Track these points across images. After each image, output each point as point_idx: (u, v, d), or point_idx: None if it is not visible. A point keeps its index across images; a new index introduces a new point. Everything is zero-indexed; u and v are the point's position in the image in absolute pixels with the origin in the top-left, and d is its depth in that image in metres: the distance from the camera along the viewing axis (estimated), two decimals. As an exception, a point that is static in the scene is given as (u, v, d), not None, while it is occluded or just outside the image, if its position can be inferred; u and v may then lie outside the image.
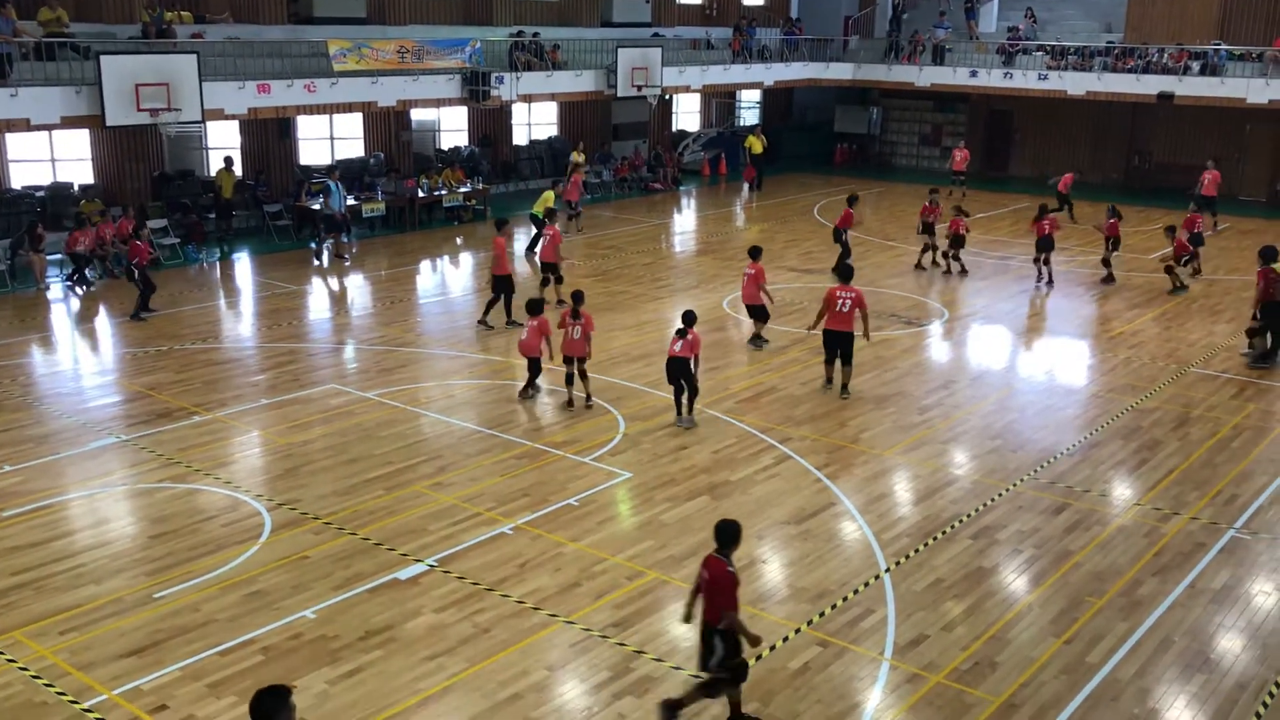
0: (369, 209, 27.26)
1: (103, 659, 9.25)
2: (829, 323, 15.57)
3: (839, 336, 15.57)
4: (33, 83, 21.05)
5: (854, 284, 15.76)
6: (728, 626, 8.09)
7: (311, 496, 12.39)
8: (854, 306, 15.38)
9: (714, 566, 8.16)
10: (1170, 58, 32.99)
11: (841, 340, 15.56)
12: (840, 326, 15.49)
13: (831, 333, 15.60)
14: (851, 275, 15.93)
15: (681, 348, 14.29)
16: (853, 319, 15.42)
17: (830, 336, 15.65)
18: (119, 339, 18.51)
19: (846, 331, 15.49)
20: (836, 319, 15.48)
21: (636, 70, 31.80)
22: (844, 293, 15.44)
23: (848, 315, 15.38)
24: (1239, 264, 24.93)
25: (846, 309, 15.37)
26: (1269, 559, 11.37)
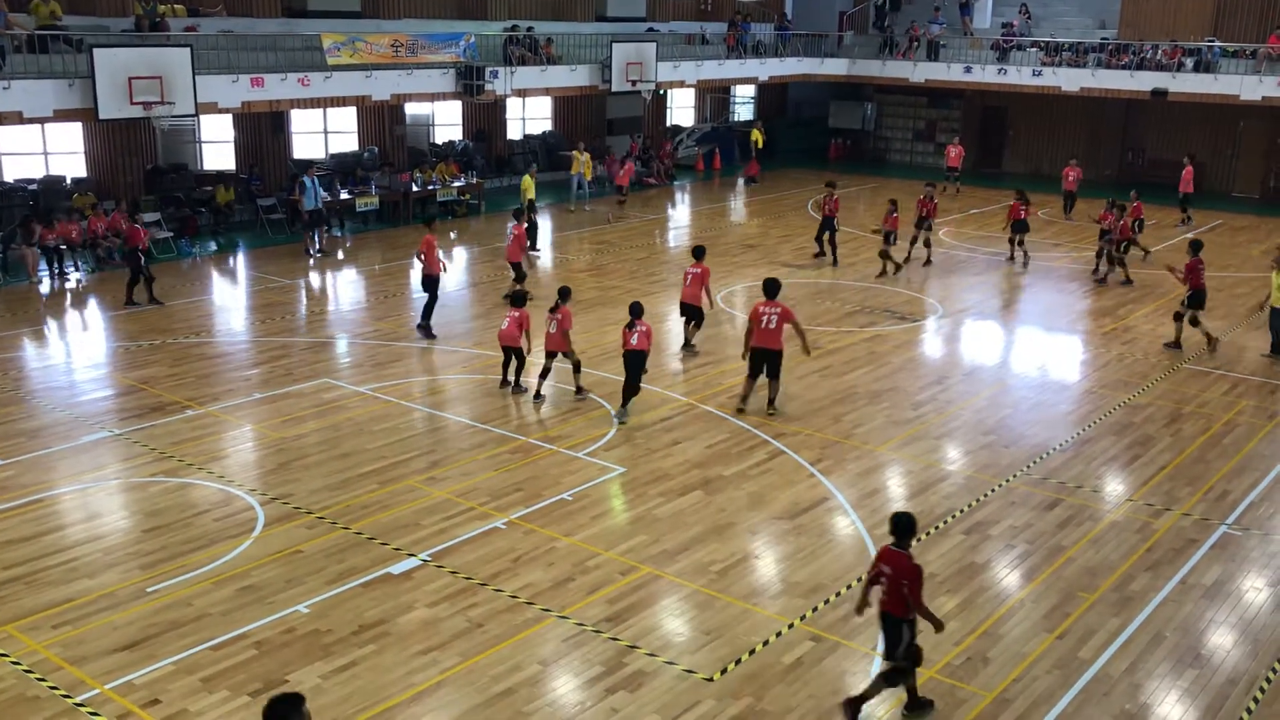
0: (362, 203, 27.22)
1: (95, 653, 9.24)
2: (755, 340, 14.56)
3: (765, 354, 14.57)
4: (25, 75, 20.97)
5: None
6: (921, 615, 8.42)
7: (304, 491, 12.38)
8: (780, 322, 14.42)
9: (896, 559, 8.35)
10: (1164, 54, 33.03)
11: (768, 358, 14.58)
12: (766, 344, 14.50)
13: (758, 350, 14.59)
14: (777, 290, 14.75)
15: (638, 340, 14.47)
16: (780, 335, 14.48)
17: (756, 355, 14.63)
18: (112, 332, 18.47)
19: (773, 349, 14.53)
20: (762, 335, 14.49)
21: (631, 65, 31.77)
22: (768, 308, 14.49)
23: (774, 332, 14.43)
24: (1231, 261, 24.99)
25: (773, 325, 14.42)
26: (1260, 555, 11.41)
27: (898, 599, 8.35)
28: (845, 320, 19.72)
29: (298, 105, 25.78)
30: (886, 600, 8.42)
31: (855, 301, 21.00)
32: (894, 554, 8.39)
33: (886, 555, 8.44)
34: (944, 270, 23.97)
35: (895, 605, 8.37)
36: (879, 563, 8.48)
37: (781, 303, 14.64)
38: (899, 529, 8.45)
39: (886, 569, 8.38)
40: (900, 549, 8.40)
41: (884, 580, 8.41)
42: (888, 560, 8.40)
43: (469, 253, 25.37)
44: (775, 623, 9.89)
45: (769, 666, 9.23)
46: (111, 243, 22.79)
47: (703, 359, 17.47)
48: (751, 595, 10.37)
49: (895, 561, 8.35)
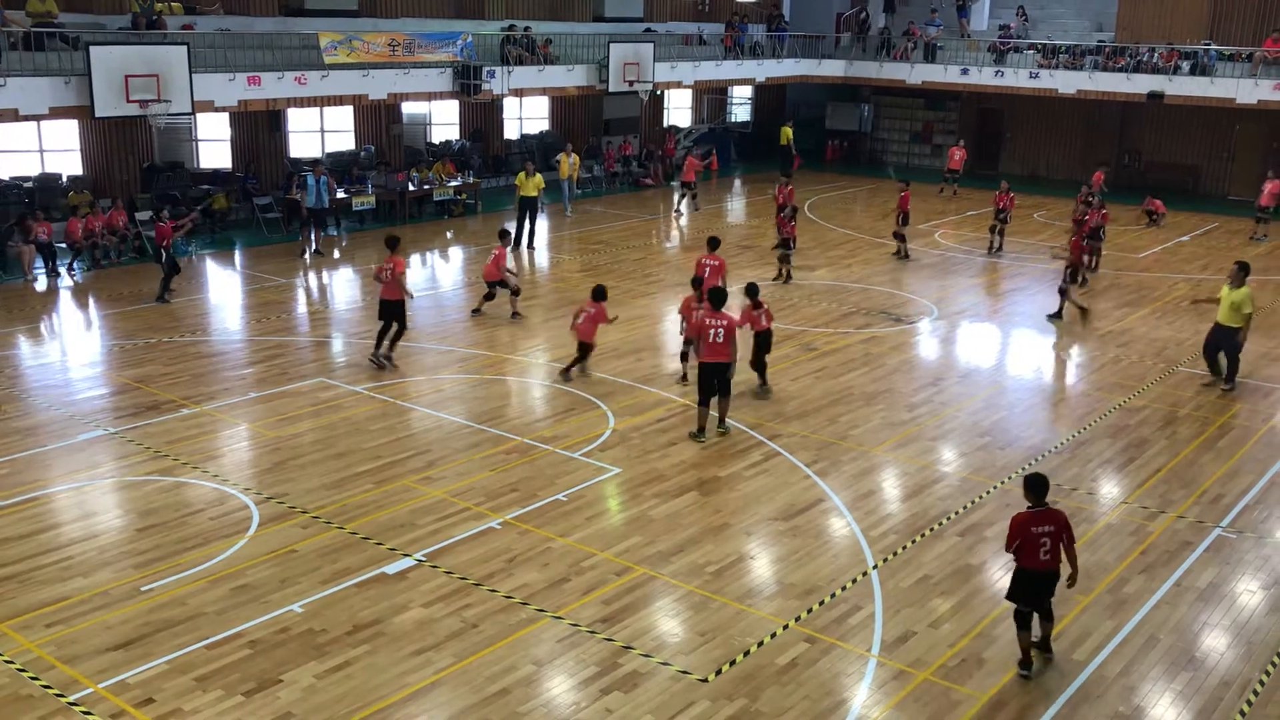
0: (359, 202, 27.20)
1: (89, 652, 9.23)
2: (705, 354, 13.88)
3: (714, 369, 13.87)
4: (21, 73, 20.94)
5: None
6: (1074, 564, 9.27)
7: (300, 490, 12.37)
8: (728, 335, 13.80)
9: (1054, 515, 9.14)
10: (1160, 57, 33.09)
11: (717, 371, 13.89)
12: (715, 358, 13.81)
13: (707, 365, 13.89)
14: (724, 301, 14.11)
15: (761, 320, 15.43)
16: (728, 348, 13.81)
17: (705, 370, 13.93)
18: (107, 331, 18.44)
19: (722, 362, 13.84)
20: (710, 350, 13.81)
21: (628, 65, 31.77)
22: (715, 320, 13.81)
23: (722, 345, 13.74)
24: (1226, 264, 24.98)
25: (721, 339, 13.74)
26: (1254, 557, 11.43)
27: (1058, 552, 9.10)
28: (841, 322, 19.73)
29: (294, 104, 25.76)
30: (1054, 557, 9.07)
31: (851, 303, 21.01)
32: (1051, 512, 9.12)
33: (1051, 515, 9.10)
34: (940, 272, 24.00)
35: (1055, 561, 9.11)
36: (1046, 522, 9.06)
37: (728, 314, 14.01)
38: (1039, 488, 9.13)
39: (1049, 527, 9.04)
40: (1042, 506, 9.13)
41: (1048, 539, 9.05)
42: (1052, 519, 9.07)
43: (465, 252, 25.36)
44: (770, 624, 9.89)
45: (764, 668, 9.23)
46: (108, 241, 22.75)
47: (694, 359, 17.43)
48: (747, 596, 10.37)
49: (1057, 517, 9.11)
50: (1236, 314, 16.01)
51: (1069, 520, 9.15)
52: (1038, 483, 9.17)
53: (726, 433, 14.24)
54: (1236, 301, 16.00)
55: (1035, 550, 9.01)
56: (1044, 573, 9.12)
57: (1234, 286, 16.04)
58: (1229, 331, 16.21)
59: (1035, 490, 9.14)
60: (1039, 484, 9.16)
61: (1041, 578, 9.14)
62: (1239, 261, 16.21)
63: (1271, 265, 25.42)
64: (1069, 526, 9.13)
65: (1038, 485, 9.16)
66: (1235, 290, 16.01)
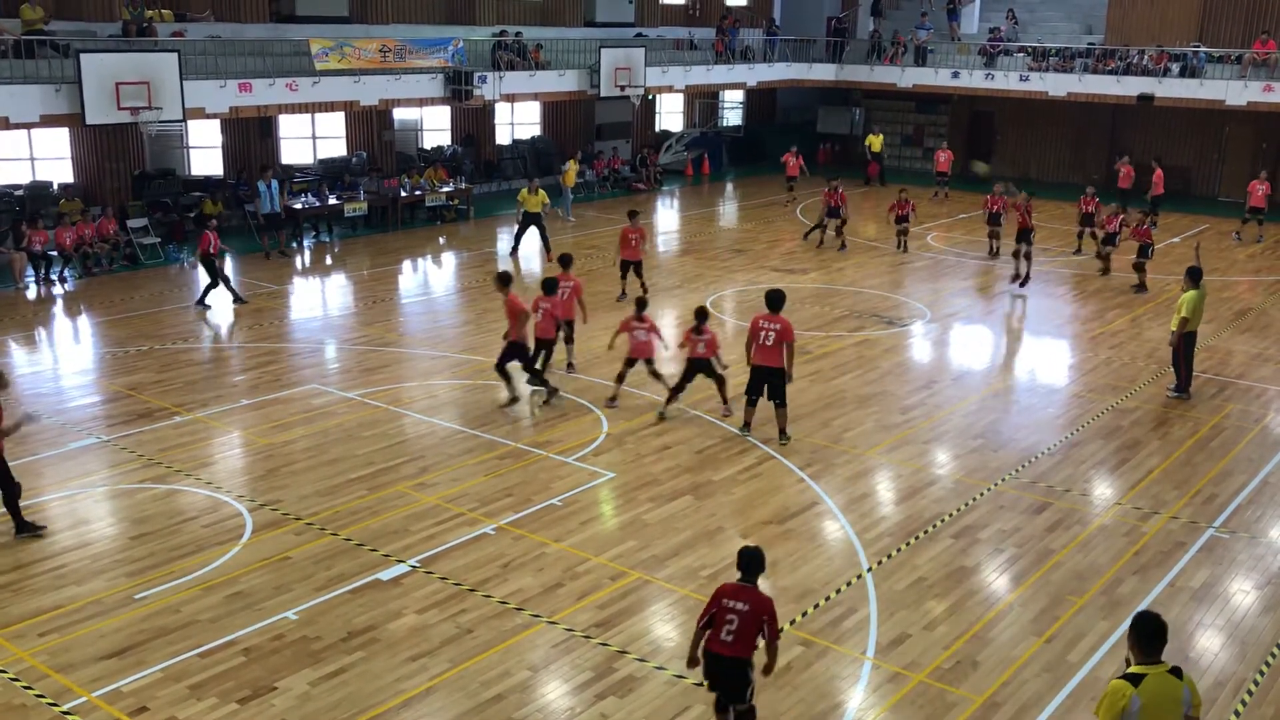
0: (351, 208, 27.18)
1: (83, 661, 9.20)
2: (755, 357, 13.69)
3: (764, 373, 13.68)
4: (11, 80, 20.90)
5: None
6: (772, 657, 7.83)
7: (293, 497, 12.35)
8: (779, 339, 13.48)
9: (754, 595, 7.67)
10: (1150, 59, 33.19)
11: (768, 377, 13.67)
12: (766, 361, 13.59)
13: (756, 368, 13.74)
14: (781, 304, 13.77)
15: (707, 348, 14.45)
16: (780, 353, 13.53)
17: (755, 372, 13.79)
18: (99, 338, 18.40)
19: (771, 367, 13.59)
20: (761, 353, 13.60)
21: (620, 70, 31.80)
22: (768, 322, 13.56)
23: (773, 349, 13.48)
24: (1218, 265, 25.10)
25: (770, 341, 13.49)
26: (1247, 557, 11.45)
27: (749, 639, 7.64)
28: (834, 325, 19.75)
29: (286, 110, 25.73)
30: (738, 642, 7.63)
31: (844, 306, 21.03)
32: (748, 590, 7.69)
33: (740, 593, 7.66)
34: (932, 274, 24.05)
35: (745, 647, 7.67)
36: (727, 600, 7.66)
37: (784, 318, 13.64)
38: (752, 564, 7.75)
39: (744, 607, 7.61)
40: (751, 584, 7.74)
41: (742, 619, 7.62)
42: (743, 598, 7.64)
43: (457, 258, 25.35)
44: (765, 627, 9.88)
45: (759, 671, 9.22)
46: (100, 248, 22.71)
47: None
48: (741, 600, 10.36)
49: (754, 597, 7.65)
50: (1176, 317, 15.86)
51: (774, 610, 7.72)
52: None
53: (788, 441, 13.97)
54: (1178, 304, 15.85)
55: (720, 628, 7.67)
56: (722, 657, 7.70)
57: (1182, 291, 15.93)
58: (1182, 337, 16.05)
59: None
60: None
61: (718, 663, 7.75)
62: (1190, 267, 15.96)
63: (1264, 266, 25.51)
64: (773, 616, 7.69)
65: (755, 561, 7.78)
66: (1182, 294, 15.84)
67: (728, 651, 7.69)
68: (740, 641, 7.67)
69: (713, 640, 7.73)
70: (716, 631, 7.70)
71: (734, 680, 7.81)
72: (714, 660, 7.78)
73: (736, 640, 7.66)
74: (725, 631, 7.65)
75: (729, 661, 7.74)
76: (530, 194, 24.60)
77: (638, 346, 15.16)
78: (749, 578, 7.77)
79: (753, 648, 7.73)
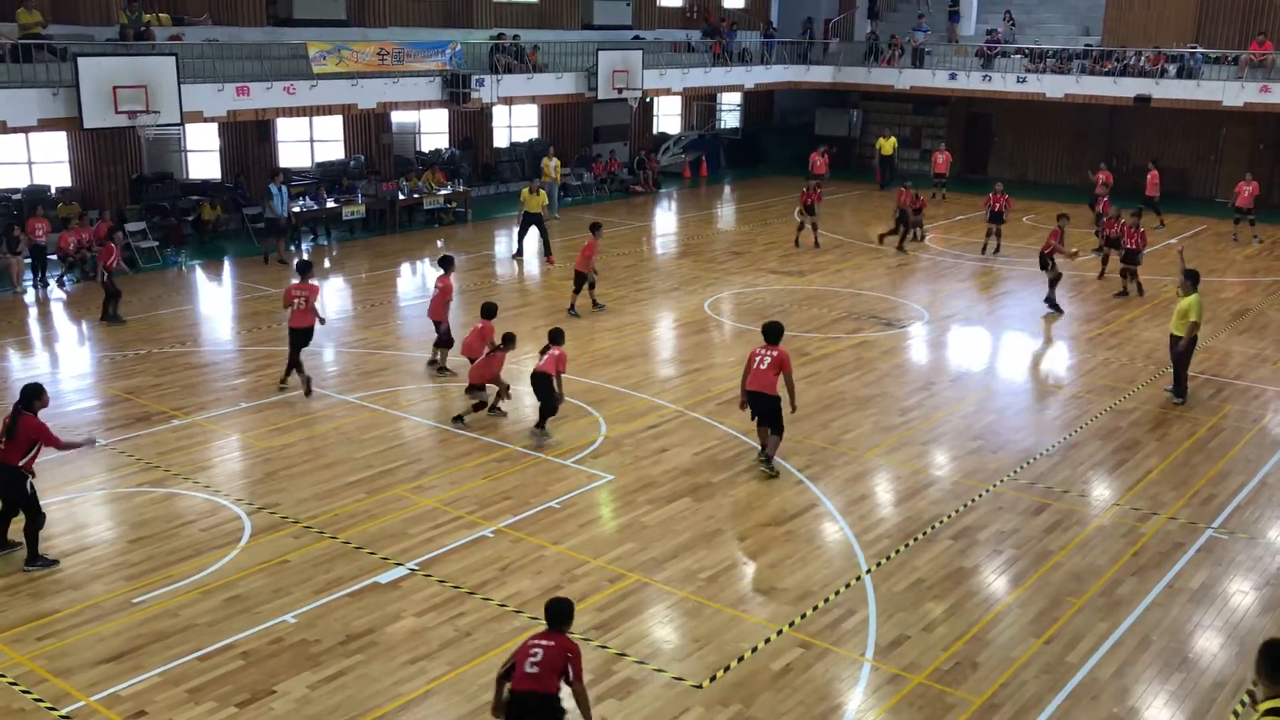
0: (349, 211, 27.18)
1: (81, 665, 9.19)
2: (749, 382, 13.08)
3: (759, 399, 13.06)
4: (9, 84, 20.91)
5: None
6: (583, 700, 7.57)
7: (291, 500, 12.34)
8: (774, 367, 12.92)
9: (560, 638, 7.53)
10: (1147, 60, 33.23)
11: (759, 401, 13.08)
12: (760, 386, 12.95)
13: (752, 395, 13.09)
14: (779, 335, 13.27)
15: (545, 363, 13.84)
16: (775, 380, 12.94)
17: (751, 399, 13.15)
18: (97, 342, 18.39)
19: (770, 394, 12.97)
20: (756, 377, 12.99)
21: (617, 73, 31.82)
22: (765, 350, 13.08)
23: (767, 372, 12.90)
24: (1216, 266, 25.12)
25: (766, 366, 12.93)
26: (1246, 558, 11.46)
27: (551, 677, 7.40)
28: (832, 326, 19.76)
29: (283, 114, 25.75)
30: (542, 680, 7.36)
31: (842, 308, 21.04)
32: (550, 633, 7.59)
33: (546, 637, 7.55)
34: (930, 276, 24.07)
35: (550, 683, 7.40)
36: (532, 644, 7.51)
37: (782, 349, 13.11)
38: (561, 615, 7.65)
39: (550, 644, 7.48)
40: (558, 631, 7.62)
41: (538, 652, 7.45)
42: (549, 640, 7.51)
43: (455, 261, 25.31)
44: (764, 629, 9.89)
45: (758, 673, 9.22)
46: (97, 252, 22.66)
47: (690, 365, 17.49)
48: (740, 602, 10.37)
49: (558, 638, 7.53)
50: (1182, 322, 15.64)
51: (580, 654, 7.52)
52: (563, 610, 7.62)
53: (770, 474, 13.12)
54: (1182, 309, 15.63)
55: (523, 663, 7.44)
56: (527, 695, 7.38)
57: (1183, 294, 15.69)
58: (1178, 342, 15.88)
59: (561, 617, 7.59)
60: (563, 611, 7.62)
61: (524, 703, 7.40)
62: (1187, 270, 15.87)
63: (1261, 267, 25.53)
64: (578, 658, 7.48)
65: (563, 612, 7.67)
66: (1184, 298, 15.64)
67: (533, 685, 7.35)
68: (544, 675, 7.36)
69: (517, 678, 7.41)
70: (520, 668, 7.42)
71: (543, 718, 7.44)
72: (520, 701, 7.39)
73: (540, 673, 7.35)
74: (529, 664, 7.40)
75: (536, 699, 7.36)
76: (531, 194, 24.61)
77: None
78: (555, 627, 7.61)
79: (557, 685, 7.41)
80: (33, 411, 10.76)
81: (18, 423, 10.63)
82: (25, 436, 10.60)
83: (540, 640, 7.53)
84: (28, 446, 10.63)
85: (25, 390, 10.87)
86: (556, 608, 7.68)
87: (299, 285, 15.76)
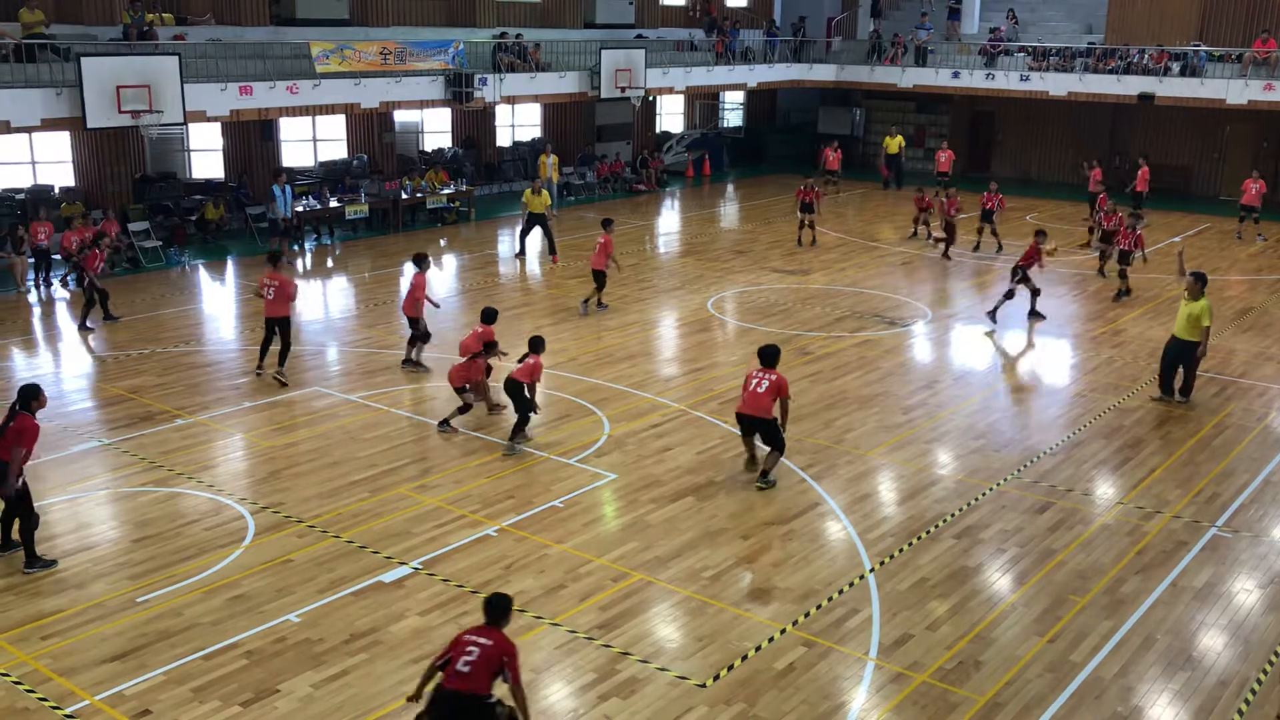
0: (352, 211, 27.19)
1: (85, 664, 9.20)
2: (743, 404, 12.89)
3: (753, 423, 12.87)
4: (13, 84, 20.93)
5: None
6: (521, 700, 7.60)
7: (295, 500, 12.35)
8: (772, 391, 12.64)
9: (497, 636, 7.56)
10: (1151, 59, 33.17)
11: (758, 426, 12.86)
12: (754, 410, 12.72)
13: (744, 418, 12.93)
14: (775, 359, 12.98)
15: (519, 370, 13.62)
16: (771, 403, 12.64)
17: (743, 422, 13.02)
18: (100, 342, 18.40)
19: (755, 416, 12.76)
20: (751, 400, 12.75)
21: (620, 72, 31.80)
22: (761, 373, 12.81)
23: (764, 396, 12.61)
24: (1220, 264, 25.09)
25: (762, 389, 12.66)
26: (1250, 556, 11.44)
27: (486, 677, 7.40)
28: (835, 325, 19.75)
29: (286, 113, 25.76)
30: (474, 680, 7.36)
31: (845, 306, 21.03)
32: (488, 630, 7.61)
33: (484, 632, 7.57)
34: (933, 274, 24.06)
35: (483, 684, 7.39)
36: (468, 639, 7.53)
37: (780, 374, 12.85)
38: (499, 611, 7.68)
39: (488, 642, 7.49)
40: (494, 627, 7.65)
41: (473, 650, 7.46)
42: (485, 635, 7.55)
43: (458, 260, 25.35)
44: (767, 628, 9.89)
45: (761, 672, 9.22)
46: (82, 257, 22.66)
47: (693, 364, 17.49)
48: (743, 601, 10.37)
49: (495, 635, 7.55)
50: (1194, 327, 15.19)
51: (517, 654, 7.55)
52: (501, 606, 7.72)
53: (766, 487, 12.82)
54: (1195, 314, 15.15)
55: (456, 660, 7.44)
56: (456, 694, 7.33)
57: (1192, 298, 15.22)
58: (1187, 346, 15.39)
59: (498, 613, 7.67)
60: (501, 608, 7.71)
61: (451, 702, 7.37)
62: (1194, 272, 15.51)
63: (1265, 265, 25.49)
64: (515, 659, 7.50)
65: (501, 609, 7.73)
66: (1193, 302, 15.19)
67: (462, 685, 7.32)
68: (476, 675, 7.34)
69: (448, 675, 7.40)
70: (452, 665, 7.41)
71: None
72: (448, 699, 7.36)
73: (472, 673, 7.33)
74: (462, 662, 7.39)
75: (465, 700, 7.30)
76: (534, 195, 24.61)
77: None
78: (493, 623, 7.63)
79: (489, 685, 7.39)
80: (30, 412, 10.76)
81: (11, 421, 10.65)
82: (14, 435, 10.61)
83: (477, 637, 7.54)
84: (15, 443, 10.63)
85: (23, 390, 10.87)
86: (495, 603, 7.71)
87: (270, 275, 16.23)
